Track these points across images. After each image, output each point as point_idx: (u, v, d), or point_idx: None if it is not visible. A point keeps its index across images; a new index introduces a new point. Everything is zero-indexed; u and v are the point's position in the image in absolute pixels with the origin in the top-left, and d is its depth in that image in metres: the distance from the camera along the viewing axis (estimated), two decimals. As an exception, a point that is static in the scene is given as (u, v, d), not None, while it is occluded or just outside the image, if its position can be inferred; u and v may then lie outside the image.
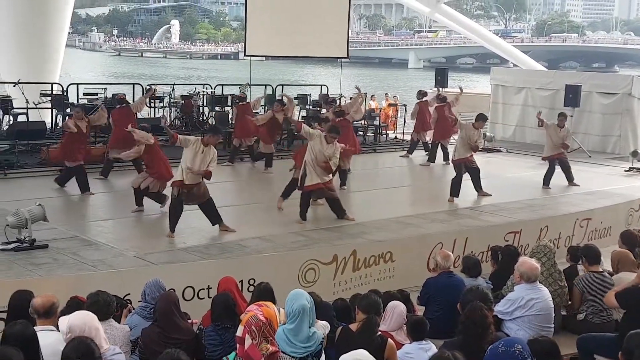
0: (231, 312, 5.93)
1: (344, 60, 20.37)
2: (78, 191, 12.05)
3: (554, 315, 6.79)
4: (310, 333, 5.14)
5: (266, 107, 19.28)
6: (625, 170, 16.31)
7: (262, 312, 4.87)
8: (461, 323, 5.67)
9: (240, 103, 16.07)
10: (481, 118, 12.74)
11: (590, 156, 18.00)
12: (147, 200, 10.97)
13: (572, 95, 18.22)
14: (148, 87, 17.84)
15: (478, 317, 5.57)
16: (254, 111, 16.30)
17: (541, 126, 14.20)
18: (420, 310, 7.51)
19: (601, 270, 7.53)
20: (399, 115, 23.16)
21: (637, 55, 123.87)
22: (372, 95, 24.32)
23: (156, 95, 16.85)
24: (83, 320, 4.87)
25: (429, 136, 17.50)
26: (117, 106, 13.72)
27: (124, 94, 15.10)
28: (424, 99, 17.60)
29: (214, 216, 9.92)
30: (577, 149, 18.37)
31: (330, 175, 10.90)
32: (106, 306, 5.54)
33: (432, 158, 16.81)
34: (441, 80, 20.11)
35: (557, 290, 7.31)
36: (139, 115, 14.93)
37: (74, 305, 5.84)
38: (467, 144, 12.57)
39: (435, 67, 24.45)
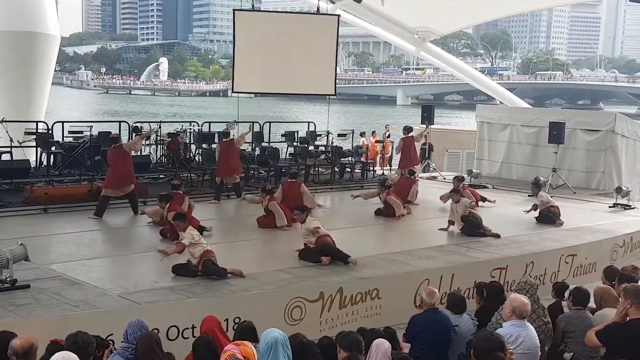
0: (213, 355, 5.86)
1: (331, 97, 20.50)
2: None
3: (540, 353, 6.76)
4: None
5: (253, 144, 19.35)
6: (610, 207, 16.36)
7: (240, 350, 4.82)
8: None
9: (224, 140, 15.69)
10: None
11: (574, 192, 18.11)
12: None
13: (556, 132, 18.40)
14: (135, 126, 17.82)
15: None
16: (239, 148, 16.13)
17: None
18: (406, 348, 7.47)
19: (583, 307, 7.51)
20: (387, 152, 23.34)
21: (621, 92, 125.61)
22: (362, 132, 24.46)
23: (143, 131, 16.78)
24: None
25: (416, 172, 17.52)
26: (112, 145, 13.65)
27: (117, 134, 15.10)
28: (409, 135, 17.69)
29: None
30: (562, 185, 18.52)
31: None
32: (85, 347, 5.46)
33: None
34: (427, 117, 20.31)
35: (541, 327, 7.29)
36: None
37: (55, 350, 5.73)
38: None
39: (422, 104, 24.65)
